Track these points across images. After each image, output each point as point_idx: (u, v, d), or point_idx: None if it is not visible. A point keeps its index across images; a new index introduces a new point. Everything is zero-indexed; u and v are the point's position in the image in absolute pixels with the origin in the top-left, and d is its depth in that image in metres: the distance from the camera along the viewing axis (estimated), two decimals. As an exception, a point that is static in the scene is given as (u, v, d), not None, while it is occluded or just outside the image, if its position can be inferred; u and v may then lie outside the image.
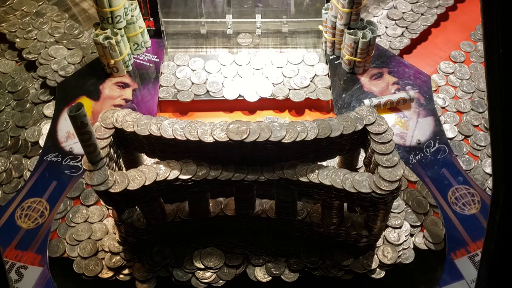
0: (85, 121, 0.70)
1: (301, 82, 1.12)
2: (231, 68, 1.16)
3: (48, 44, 1.20)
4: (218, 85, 1.12)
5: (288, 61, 1.17)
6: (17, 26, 1.24)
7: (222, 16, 1.19)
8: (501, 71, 0.57)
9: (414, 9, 1.29)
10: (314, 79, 1.14)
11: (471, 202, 0.96)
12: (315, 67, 1.16)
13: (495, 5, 0.56)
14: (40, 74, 1.15)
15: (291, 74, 1.14)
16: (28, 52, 1.19)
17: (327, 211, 0.85)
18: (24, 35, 1.22)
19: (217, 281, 0.91)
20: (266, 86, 1.12)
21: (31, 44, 1.20)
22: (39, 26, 1.24)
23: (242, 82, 1.13)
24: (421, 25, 1.26)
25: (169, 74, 1.14)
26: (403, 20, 1.27)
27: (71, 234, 0.94)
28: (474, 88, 1.16)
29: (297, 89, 1.12)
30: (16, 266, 0.88)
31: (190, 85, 1.12)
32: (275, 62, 1.16)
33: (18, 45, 1.21)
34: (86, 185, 0.99)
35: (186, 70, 1.15)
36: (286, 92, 1.11)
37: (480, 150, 1.06)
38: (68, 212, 0.96)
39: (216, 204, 0.90)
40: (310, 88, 1.12)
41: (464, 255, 0.90)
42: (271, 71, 1.15)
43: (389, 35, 1.24)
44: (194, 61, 1.17)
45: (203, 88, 1.12)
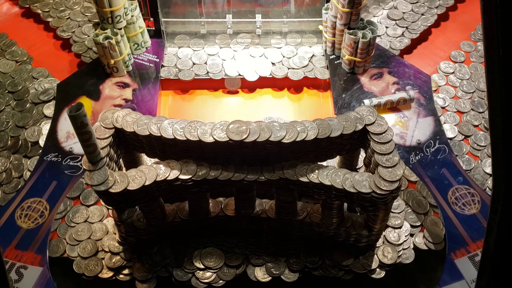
0: (85, 121, 0.70)
1: (300, 62, 1.16)
2: (230, 49, 1.20)
3: (81, 23, 1.25)
4: (218, 67, 1.15)
5: (288, 43, 1.20)
6: (50, 6, 1.29)
7: (222, 16, 1.19)
8: (501, 71, 0.57)
9: (415, 9, 1.29)
10: (312, 59, 1.17)
11: (471, 202, 0.96)
12: (312, 48, 1.20)
13: (495, 5, 0.56)
14: (75, 51, 1.20)
15: (290, 54, 1.17)
16: (62, 30, 1.24)
17: (327, 211, 0.85)
18: (57, 14, 1.27)
19: (217, 281, 0.91)
20: (266, 65, 1.15)
21: (64, 23, 1.25)
22: (71, 6, 1.29)
23: (242, 61, 1.16)
24: (421, 25, 1.26)
25: (170, 54, 1.18)
26: (403, 20, 1.27)
27: (71, 234, 0.94)
28: (474, 88, 1.16)
29: (296, 68, 1.14)
30: (16, 266, 0.88)
31: (191, 65, 1.15)
32: (275, 43, 1.20)
33: (52, 23, 1.26)
34: (86, 185, 0.99)
35: (187, 51, 1.19)
36: (285, 71, 1.14)
37: (480, 150, 1.06)
38: (68, 212, 0.96)
39: (216, 204, 0.90)
40: (308, 68, 1.15)
41: (464, 255, 0.90)
42: (271, 51, 1.19)
43: (390, 35, 1.24)
44: (195, 42, 1.20)
45: (203, 68, 1.15)
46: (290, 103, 1.15)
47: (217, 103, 1.15)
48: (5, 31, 1.27)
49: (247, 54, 1.18)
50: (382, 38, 1.23)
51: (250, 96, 1.16)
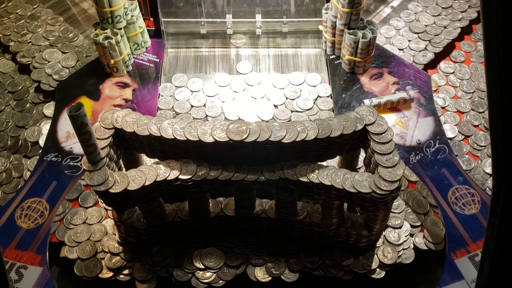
0: (85, 121, 0.70)
1: (304, 104, 1.09)
2: (230, 90, 1.12)
3: (43, 48, 1.20)
4: (217, 110, 1.08)
5: (290, 82, 1.13)
6: (12, 30, 1.23)
7: (222, 16, 1.19)
8: (501, 71, 0.57)
9: (437, 22, 1.25)
10: (317, 101, 1.10)
11: (471, 202, 0.96)
12: (317, 88, 1.12)
13: (495, 5, 0.56)
14: (34, 78, 1.14)
15: (294, 95, 1.10)
16: (23, 55, 1.18)
17: (327, 211, 0.85)
18: (18, 38, 1.21)
19: (217, 281, 0.91)
20: (268, 108, 1.09)
21: (25, 48, 1.20)
22: (33, 29, 1.23)
23: (242, 103, 1.10)
24: (444, 38, 1.22)
25: (167, 96, 1.11)
26: (426, 33, 1.23)
27: (70, 235, 0.94)
28: (474, 88, 1.16)
29: (300, 111, 1.09)
30: (16, 266, 0.88)
31: (189, 108, 1.09)
32: (277, 83, 1.13)
33: (12, 48, 1.20)
34: (85, 186, 0.99)
35: (185, 92, 1.12)
36: (288, 115, 1.07)
37: (480, 150, 1.06)
38: (66, 214, 0.96)
39: (216, 204, 0.90)
40: (313, 111, 1.09)
41: (464, 255, 0.90)
42: (273, 92, 1.11)
43: (412, 48, 1.21)
44: (193, 81, 1.13)
45: (202, 111, 1.08)
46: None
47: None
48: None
49: (248, 96, 1.11)
50: (404, 52, 1.20)
51: None
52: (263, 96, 1.11)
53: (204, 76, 1.15)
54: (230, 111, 1.08)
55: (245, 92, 1.12)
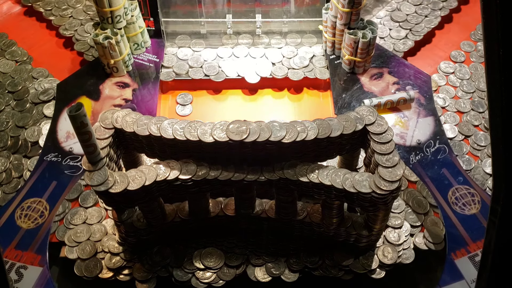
0: (85, 121, 0.70)
1: (300, 62, 1.15)
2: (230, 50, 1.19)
3: (84, 21, 1.25)
4: (215, 69, 1.14)
5: (287, 43, 1.20)
6: (52, 5, 1.29)
7: (222, 16, 1.19)
8: (501, 71, 0.57)
9: (418, 11, 1.28)
10: (312, 59, 1.17)
11: (471, 202, 0.96)
12: (313, 48, 1.19)
13: (495, 5, 0.56)
14: (77, 49, 1.20)
15: (290, 54, 1.17)
16: (65, 28, 1.24)
17: (327, 211, 0.85)
18: (59, 13, 1.27)
19: (217, 281, 0.91)
20: (266, 65, 1.15)
21: (67, 21, 1.25)
22: (73, 4, 1.30)
23: (241, 61, 1.16)
24: (425, 27, 1.25)
25: (170, 54, 1.17)
26: (407, 22, 1.26)
27: (70, 235, 0.94)
28: (474, 88, 1.16)
29: (296, 68, 1.14)
30: (16, 266, 0.88)
31: (187, 69, 1.14)
32: (275, 43, 1.20)
33: (55, 22, 1.26)
34: (85, 186, 0.99)
35: (187, 51, 1.18)
36: (285, 71, 1.14)
37: (480, 150, 1.06)
38: (66, 214, 0.96)
39: (216, 204, 0.90)
40: (308, 68, 1.15)
41: (464, 255, 0.90)
42: (271, 51, 1.18)
43: (393, 37, 1.23)
44: (195, 42, 1.20)
45: (200, 72, 1.14)
46: (290, 103, 1.15)
47: (217, 103, 1.15)
48: (5, 30, 1.27)
49: (247, 55, 1.18)
50: (385, 40, 1.22)
51: (251, 97, 1.16)
52: (262, 55, 1.17)
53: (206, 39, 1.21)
54: (230, 69, 1.14)
55: (244, 51, 1.19)
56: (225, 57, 1.17)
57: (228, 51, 1.18)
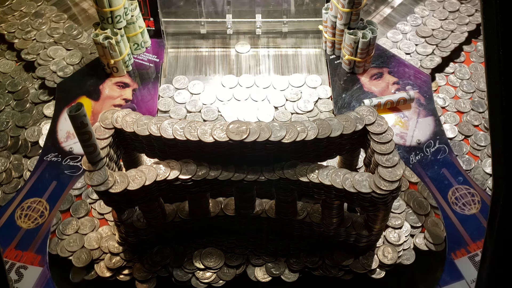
0: (85, 121, 0.70)
1: (304, 106, 1.09)
2: (230, 92, 1.12)
3: (47, 45, 1.20)
4: (214, 114, 1.08)
5: (290, 84, 1.13)
6: (16, 27, 1.23)
7: (222, 16, 1.19)
8: (501, 71, 0.57)
9: (444, 26, 1.24)
10: (317, 103, 1.10)
11: (471, 202, 0.96)
12: (317, 90, 1.12)
13: (495, 5, 0.56)
14: (39, 75, 1.15)
15: (294, 97, 1.10)
16: (27, 52, 1.19)
17: (327, 211, 0.85)
18: (23, 35, 1.22)
19: (217, 281, 0.91)
20: (268, 110, 1.08)
21: (30, 45, 1.20)
22: (37, 26, 1.23)
23: (243, 106, 1.09)
24: (451, 43, 1.21)
25: (167, 98, 1.11)
26: (433, 37, 1.22)
27: (63, 246, 0.92)
28: (474, 88, 1.16)
29: (301, 113, 1.08)
30: (16, 266, 0.88)
31: (185, 114, 1.08)
32: (277, 85, 1.13)
33: (17, 45, 1.20)
34: (76, 197, 0.98)
35: (184, 94, 1.11)
36: (288, 117, 1.07)
37: (480, 150, 1.06)
38: (58, 225, 0.95)
39: (216, 204, 0.90)
40: (313, 113, 1.08)
41: (464, 255, 0.90)
42: (273, 94, 1.11)
43: (420, 53, 1.19)
44: (193, 84, 1.13)
45: (198, 117, 1.07)
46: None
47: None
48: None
49: (248, 98, 1.11)
50: (412, 56, 1.19)
51: None
52: (263, 98, 1.11)
53: (204, 78, 1.15)
54: (230, 114, 1.08)
55: (246, 95, 1.11)
56: (224, 100, 1.10)
57: (228, 94, 1.11)
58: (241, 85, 1.13)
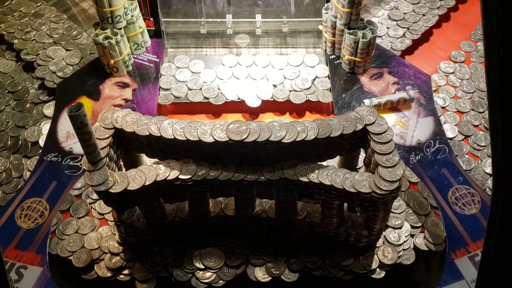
0: (85, 121, 0.70)
1: (302, 84, 1.11)
2: (230, 71, 1.14)
3: (47, 45, 1.20)
4: (214, 91, 1.10)
5: (288, 63, 1.16)
6: (16, 27, 1.23)
7: (222, 16, 1.19)
8: (501, 71, 0.57)
9: (416, 10, 1.29)
10: (315, 81, 1.13)
11: (471, 202, 0.96)
12: (315, 69, 1.15)
13: (495, 5, 0.56)
14: (38, 75, 1.15)
15: (292, 76, 1.13)
16: (27, 53, 1.19)
17: (327, 211, 0.85)
18: (22, 36, 1.22)
19: (217, 281, 0.91)
20: (267, 88, 1.11)
21: (29, 45, 1.20)
22: (37, 27, 1.24)
23: (241, 83, 1.12)
24: (422, 25, 1.26)
25: (169, 76, 1.13)
26: (404, 20, 1.27)
27: (63, 246, 0.92)
28: (474, 88, 1.16)
29: (298, 91, 1.11)
30: (16, 266, 0.88)
31: (186, 91, 1.10)
32: (276, 64, 1.15)
33: (17, 46, 1.20)
34: (76, 197, 0.98)
35: (185, 73, 1.14)
36: (286, 94, 1.10)
37: (480, 150, 1.06)
38: (58, 225, 0.95)
39: (216, 204, 0.90)
40: (311, 90, 1.11)
41: (464, 255, 0.90)
42: (272, 72, 1.14)
43: (391, 35, 1.24)
44: (194, 63, 1.15)
45: (199, 94, 1.10)
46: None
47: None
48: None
49: (248, 76, 1.13)
50: (383, 39, 1.23)
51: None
52: (262, 77, 1.13)
53: (205, 57, 1.18)
54: (230, 91, 1.11)
55: (245, 73, 1.14)
56: (225, 79, 1.13)
57: (228, 72, 1.13)
58: (241, 64, 1.16)
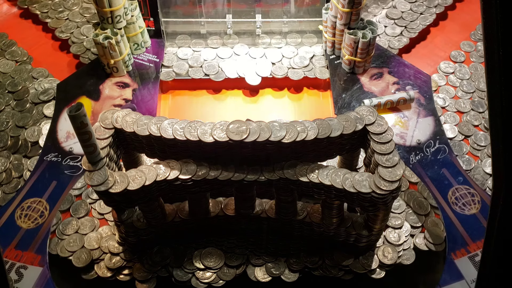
0: (85, 121, 0.70)
1: (300, 61, 1.16)
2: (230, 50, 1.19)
3: (80, 24, 1.25)
4: (214, 68, 1.15)
5: (288, 43, 1.21)
6: (49, 7, 1.29)
7: (222, 16, 1.19)
8: (501, 71, 0.57)
9: (413, 8, 1.29)
10: (312, 59, 1.17)
11: (471, 202, 0.96)
12: (313, 48, 1.20)
13: (495, 5, 0.56)
14: (73, 52, 1.20)
15: (291, 54, 1.17)
16: (61, 31, 1.24)
17: (327, 211, 0.85)
18: (55, 15, 1.27)
19: (217, 281, 0.91)
20: (266, 65, 1.15)
21: (63, 24, 1.25)
22: (69, 6, 1.29)
23: (241, 61, 1.16)
24: (420, 24, 1.26)
25: (170, 54, 1.18)
26: (402, 19, 1.27)
27: (63, 246, 0.92)
28: (474, 88, 1.16)
29: (296, 68, 1.15)
30: (16, 266, 0.88)
31: (187, 68, 1.15)
32: (275, 43, 1.20)
33: (51, 24, 1.25)
34: (76, 197, 0.98)
35: (186, 51, 1.19)
36: (285, 71, 1.14)
37: (480, 150, 1.06)
38: (58, 225, 0.95)
39: (216, 204, 0.90)
40: (308, 67, 1.15)
41: (464, 255, 0.90)
42: (271, 51, 1.19)
43: (388, 34, 1.24)
44: (195, 43, 1.20)
45: (199, 71, 1.14)
46: (290, 103, 1.15)
47: (217, 103, 1.15)
48: (5, 31, 1.26)
49: (247, 54, 1.18)
50: (380, 37, 1.23)
51: (251, 98, 1.16)
52: (261, 55, 1.18)
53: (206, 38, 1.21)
54: (230, 69, 1.14)
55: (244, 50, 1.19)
56: (225, 57, 1.17)
57: (228, 51, 1.18)
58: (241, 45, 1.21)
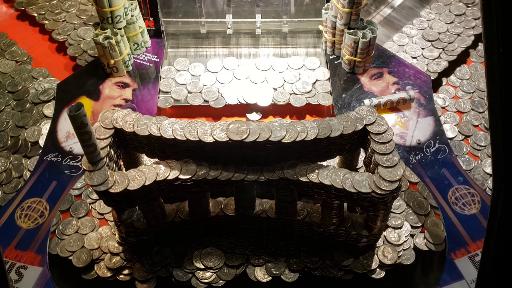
0: (85, 121, 0.70)
1: (303, 87, 1.11)
2: (231, 74, 1.14)
3: (77, 26, 1.25)
4: (214, 94, 1.09)
5: (289, 66, 1.15)
6: (46, 9, 1.28)
7: (222, 16, 1.19)
8: (501, 71, 0.57)
9: (450, 30, 1.24)
10: (315, 84, 1.12)
11: (471, 202, 0.96)
12: (316, 72, 1.14)
13: (495, 5, 0.56)
14: (70, 54, 1.20)
15: (293, 79, 1.12)
16: (58, 33, 1.24)
17: (327, 211, 0.85)
18: (53, 17, 1.27)
19: (217, 281, 0.91)
20: (267, 91, 1.10)
21: (60, 26, 1.25)
22: (66, 8, 1.29)
23: (241, 87, 1.11)
24: (458, 46, 1.21)
25: (168, 79, 1.13)
26: (439, 41, 1.22)
27: (63, 246, 0.92)
28: (474, 88, 1.16)
29: (299, 94, 1.10)
30: (16, 266, 0.88)
31: (186, 94, 1.10)
32: (276, 67, 1.14)
33: (48, 26, 1.25)
34: (76, 197, 0.98)
35: (185, 75, 1.13)
36: (287, 97, 1.09)
37: (480, 150, 1.06)
38: (58, 225, 0.95)
39: (216, 204, 0.90)
40: (311, 93, 1.10)
41: (464, 255, 0.90)
42: (272, 75, 1.13)
43: (426, 56, 1.20)
44: (194, 66, 1.15)
45: (199, 97, 1.09)
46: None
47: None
48: (5, 31, 1.26)
49: (248, 79, 1.12)
50: (418, 60, 1.19)
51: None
52: (263, 80, 1.13)
53: (205, 60, 1.16)
54: (230, 95, 1.10)
55: (245, 76, 1.14)
56: (225, 82, 1.12)
57: (228, 75, 1.13)
58: (242, 65, 1.16)
